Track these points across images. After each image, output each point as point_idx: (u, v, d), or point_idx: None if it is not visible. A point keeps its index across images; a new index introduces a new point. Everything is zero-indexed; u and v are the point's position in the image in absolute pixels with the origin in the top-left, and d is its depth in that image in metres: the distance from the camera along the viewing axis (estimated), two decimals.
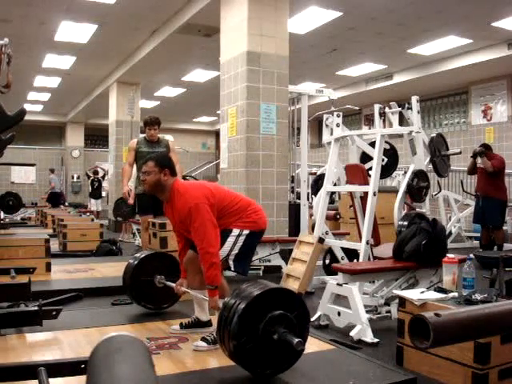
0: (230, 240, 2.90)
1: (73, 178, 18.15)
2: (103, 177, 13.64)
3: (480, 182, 7.19)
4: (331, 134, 4.88)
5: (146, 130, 5.31)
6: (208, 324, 3.19)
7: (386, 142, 4.84)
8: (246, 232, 2.93)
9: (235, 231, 2.92)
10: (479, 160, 6.99)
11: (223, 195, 2.99)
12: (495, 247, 7.10)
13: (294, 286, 4.43)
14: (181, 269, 3.21)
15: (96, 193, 13.52)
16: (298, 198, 6.23)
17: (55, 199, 14.61)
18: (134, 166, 5.36)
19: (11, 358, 2.65)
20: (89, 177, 13.78)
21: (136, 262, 3.57)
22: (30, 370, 1.86)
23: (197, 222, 2.78)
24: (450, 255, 3.17)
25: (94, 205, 13.45)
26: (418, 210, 4.44)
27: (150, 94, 13.80)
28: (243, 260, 2.97)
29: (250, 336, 2.22)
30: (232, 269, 2.95)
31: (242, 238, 2.92)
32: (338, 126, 4.76)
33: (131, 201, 5.42)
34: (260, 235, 3.06)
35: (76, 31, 8.50)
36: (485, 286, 3.12)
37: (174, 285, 3.25)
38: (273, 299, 2.29)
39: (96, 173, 13.67)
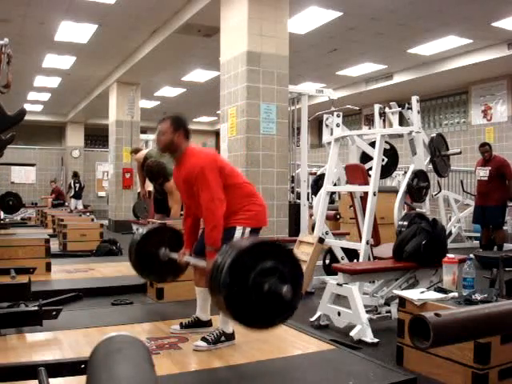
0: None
1: None
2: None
3: (480, 187, 7.16)
4: (331, 134, 4.88)
5: None
6: (208, 324, 3.19)
7: (386, 142, 4.83)
8: (248, 229, 2.91)
9: (238, 231, 2.89)
10: (481, 173, 7.04)
11: (231, 169, 3.02)
12: (495, 247, 7.10)
13: None
14: (184, 238, 3.16)
15: (77, 194, 14.74)
16: (298, 197, 6.23)
17: None
18: None
19: (11, 357, 2.64)
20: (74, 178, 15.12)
21: (139, 238, 3.44)
22: (30, 370, 1.86)
23: (205, 183, 2.79)
24: (449, 255, 3.17)
25: (73, 204, 14.44)
26: (418, 209, 4.43)
27: (150, 94, 13.80)
28: None
29: (240, 286, 2.17)
30: None
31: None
32: (337, 125, 4.76)
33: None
34: (258, 233, 3.06)
35: (76, 31, 8.49)
36: (485, 286, 3.12)
37: (177, 255, 3.20)
38: (265, 252, 2.25)
39: (75, 175, 14.96)
